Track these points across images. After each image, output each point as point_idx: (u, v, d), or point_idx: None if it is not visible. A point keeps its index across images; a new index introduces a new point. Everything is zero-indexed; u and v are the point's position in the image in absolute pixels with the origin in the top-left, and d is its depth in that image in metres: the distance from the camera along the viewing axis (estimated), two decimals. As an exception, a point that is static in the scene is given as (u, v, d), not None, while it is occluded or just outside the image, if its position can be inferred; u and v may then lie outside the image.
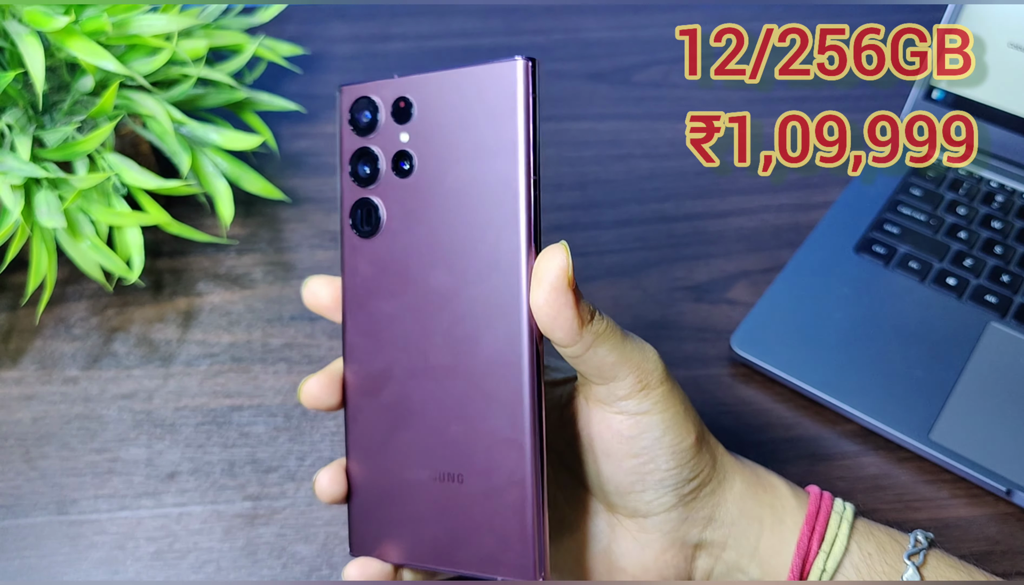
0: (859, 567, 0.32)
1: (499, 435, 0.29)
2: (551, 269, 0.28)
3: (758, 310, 0.47)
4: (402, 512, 0.31)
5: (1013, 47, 0.51)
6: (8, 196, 0.42)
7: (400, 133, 0.30)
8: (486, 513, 0.29)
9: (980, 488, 0.42)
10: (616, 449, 0.31)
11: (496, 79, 0.28)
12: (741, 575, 0.32)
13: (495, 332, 0.29)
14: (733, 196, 0.55)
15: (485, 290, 0.29)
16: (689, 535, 0.32)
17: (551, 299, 0.28)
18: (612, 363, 0.29)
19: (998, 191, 0.52)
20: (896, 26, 0.53)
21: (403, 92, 0.30)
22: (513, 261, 0.29)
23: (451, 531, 0.30)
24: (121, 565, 0.40)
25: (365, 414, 0.31)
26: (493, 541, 0.29)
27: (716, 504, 0.32)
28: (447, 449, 0.30)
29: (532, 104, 0.28)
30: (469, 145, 0.29)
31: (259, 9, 0.54)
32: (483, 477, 0.29)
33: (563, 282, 0.28)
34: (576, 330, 0.28)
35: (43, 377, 0.46)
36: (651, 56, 0.64)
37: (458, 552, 0.30)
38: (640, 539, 0.32)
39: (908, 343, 0.45)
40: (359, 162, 0.31)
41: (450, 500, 0.30)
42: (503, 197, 0.29)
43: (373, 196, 0.31)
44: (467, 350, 0.29)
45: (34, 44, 0.42)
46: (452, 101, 0.29)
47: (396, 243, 0.31)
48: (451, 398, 0.30)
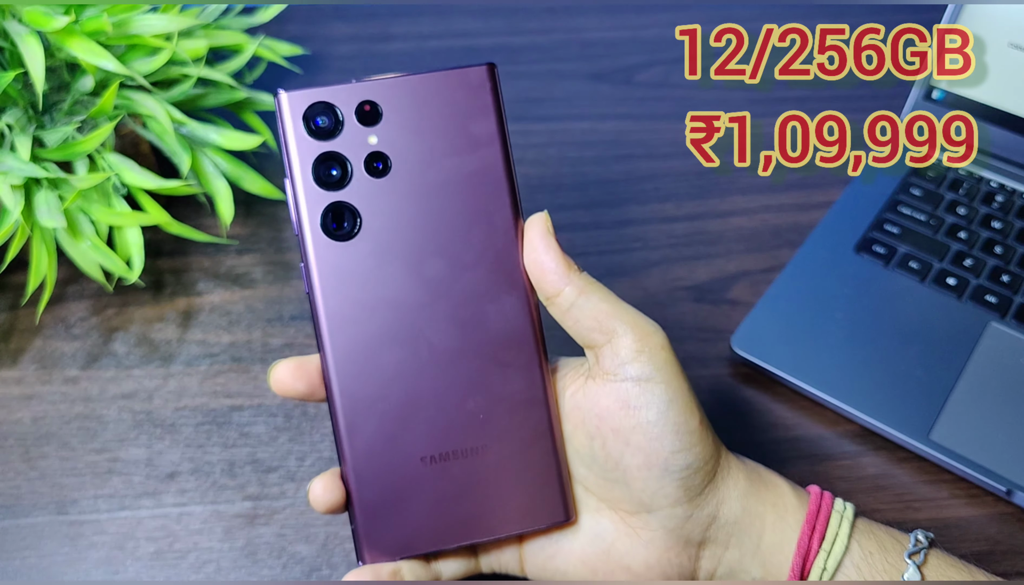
0: (860, 566, 0.32)
1: (518, 398, 0.32)
2: (533, 223, 0.32)
3: (758, 310, 0.47)
4: (421, 502, 0.32)
5: (1013, 47, 0.51)
6: (8, 196, 0.42)
7: (368, 135, 0.31)
8: (514, 473, 0.32)
9: (980, 488, 0.42)
10: (623, 423, 0.31)
11: (468, 82, 0.32)
12: (743, 574, 0.32)
13: (501, 306, 0.32)
14: (733, 196, 0.55)
15: (484, 271, 0.32)
16: (693, 533, 0.32)
17: (536, 245, 0.32)
18: (608, 312, 0.31)
19: (998, 191, 0.52)
20: (896, 26, 0.53)
21: (367, 96, 0.31)
22: (508, 241, 0.32)
23: (479, 502, 0.32)
24: (121, 565, 0.40)
25: (366, 417, 0.32)
26: (525, 497, 0.32)
27: (720, 501, 0.32)
28: (466, 425, 0.32)
29: (502, 102, 0.32)
30: (448, 142, 0.32)
31: (259, 9, 0.54)
32: (507, 440, 0.32)
33: (544, 230, 0.32)
34: (563, 271, 0.31)
35: (43, 377, 0.46)
36: (652, 56, 0.64)
37: (491, 519, 0.32)
38: (644, 537, 0.32)
39: (908, 343, 0.45)
40: (324, 166, 0.31)
41: (474, 473, 0.32)
42: (491, 185, 0.32)
43: (346, 199, 0.31)
44: (475, 328, 0.32)
45: (34, 44, 0.42)
46: (423, 103, 0.32)
47: (379, 242, 0.31)
48: (464, 376, 0.32)
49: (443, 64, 0.32)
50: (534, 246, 0.31)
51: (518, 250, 0.32)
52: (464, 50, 0.64)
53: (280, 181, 0.53)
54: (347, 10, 0.67)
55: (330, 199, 0.31)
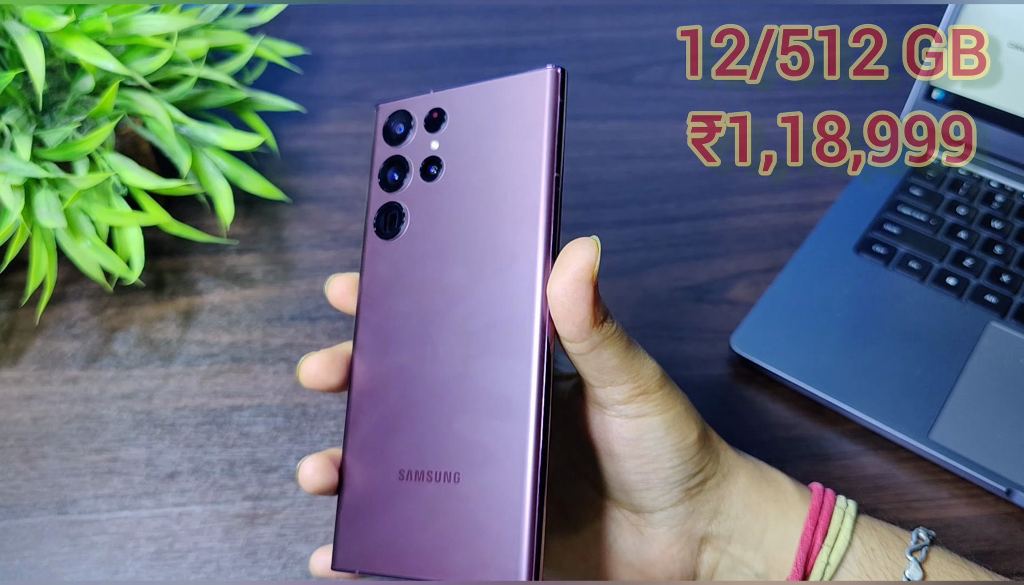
0: (862, 562, 0.32)
1: (503, 434, 0.28)
2: (577, 258, 0.27)
3: (758, 310, 0.47)
4: (391, 519, 0.30)
5: (1013, 47, 0.51)
6: (8, 196, 0.42)
7: (431, 141, 0.32)
8: (480, 513, 0.28)
9: (980, 488, 0.42)
10: (619, 451, 0.31)
11: (526, 88, 0.30)
12: (746, 568, 0.32)
13: (508, 324, 0.29)
14: (734, 196, 0.55)
15: (499, 284, 0.29)
16: (695, 529, 0.32)
17: (570, 289, 0.27)
18: (613, 368, 0.29)
19: (998, 191, 0.52)
20: (895, 26, 0.53)
21: (437, 104, 0.32)
22: (530, 255, 0.29)
23: (439, 535, 0.29)
24: (121, 565, 0.40)
25: (366, 414, 0.31)
26: (486, 544, 0.28)
27: (721, 497, 0.32)
28: (447, 447, 0.29)
29: (559, 109, 0.30)
30: (495, 149, 0.30)
31: (259, 9, 0.54)
32: (480, 474, 0.28)
33: (587, 274, 0.27)
34: (588, 327, 0.28)
35: (43, 377, 0.46)
36: (652, 56, 0.64)
37: (446, 559, 0.29)
38: (646, 533, 0.32)
39: (908, 343, 0.45)
40: (388, 169, 0.32)
41: (442, 501, 0.29)
42: (524, 195, 0.29)
43: (399, 200, 0.32)
44: (479, 342, 0.29)
45: (34, 44, 0.42)
46: (483, 110, 0.31)
47: (416, 243, 0.31)
48: (456, 393, 0.29)
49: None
50: (566, 288, 0.27)
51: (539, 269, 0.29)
52: (464, 50, 0.64)
53: (281, 181, 0.53)
54: (347, 10, 0.67)
55: (385, 199, 0.32)
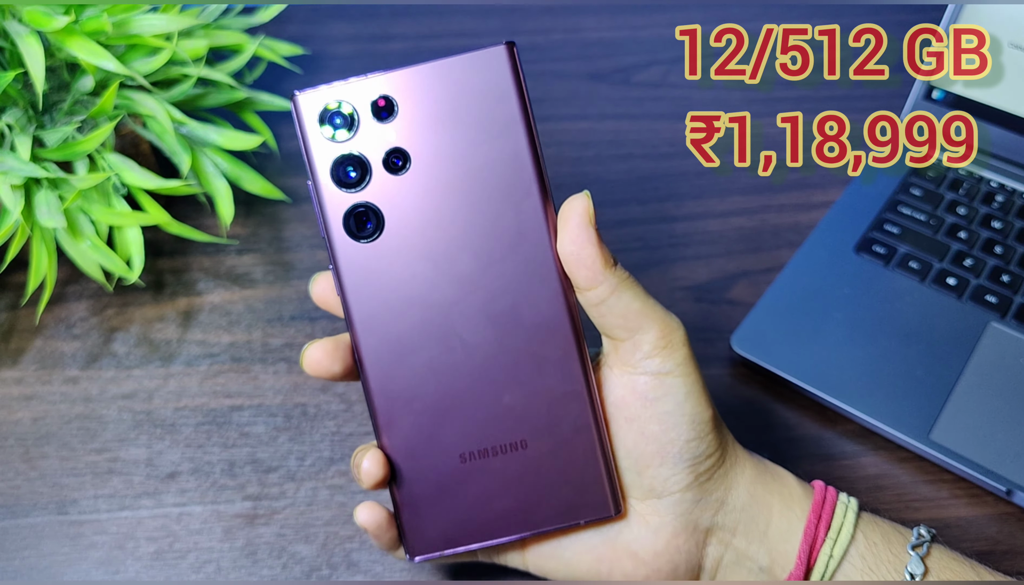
0: (864, 555, 0.32)
1: (557, 391, 0.31)
2: (573, 211, 0.30)
3: (758, 310, 0.47)
4: (463, 498, 0.32)
5: (1013, 47, 0.51)
6: (8, 196, 0.42)
7: (386, 132, 0.30)
8: (556, 467, 0.32)
9: (980, 488, 0.42)
10: (639, 413, 0.31)
11: (483, 66, 0.30)
12: (750, 563, 0.33)
13: (534, 298, 0.31)
14: (733, 196, 0.55)
15: (515, 262, 0.31)
16: (701, 519, 0.32)
17: (575, 236, 0.30)
18: (637, 311, 0.31)
19: (998, 191, 0.52)
20: (896, 26, 0.53)
21: (380, 91, 0.30)
22: (538, 228, 0.31)
23: (522, 497, 0.32)
24: (121, 565, 0.40)
25: (402, 416, 0.32)
26: (569, 491, 0.32)
27: (728, 487, 0.32)
28: (503, 420, 0.31)
29: (524, 82, 0.30)
30: (467, 130, 0.30)
31: (259, 9, 0.54)
32: (548, 435, 0.32)
33: (585, 219, 0.30)
34: (600, 267, 0.30)
35: (43, 377, 0.46)
36: (651, 56, 0.64)
37: (535, 514, 0.32)
38: (652, 523, 0.32)
39: (908, 343, 0.45)
40: (342, 168, 0.31)
41: (515, 468, 0.32)
42: (516, 172, 0.30)
43: (368, 199, 0.31)
44: (509, 321, 0.31)
45: (34, 44, 0.42)
46: (437, 93, 0.30)
47: (404, 240, 0.31)
48: (499, 371, 0.31)
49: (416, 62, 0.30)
50: (572, 237, 0.30)
51: (550, 238, 0.31)
52: (464, 50, 0.64)
53: (281, 181, 0.53)
54: (347, 10, 0.67)
55: (351, 201, 0.31)
